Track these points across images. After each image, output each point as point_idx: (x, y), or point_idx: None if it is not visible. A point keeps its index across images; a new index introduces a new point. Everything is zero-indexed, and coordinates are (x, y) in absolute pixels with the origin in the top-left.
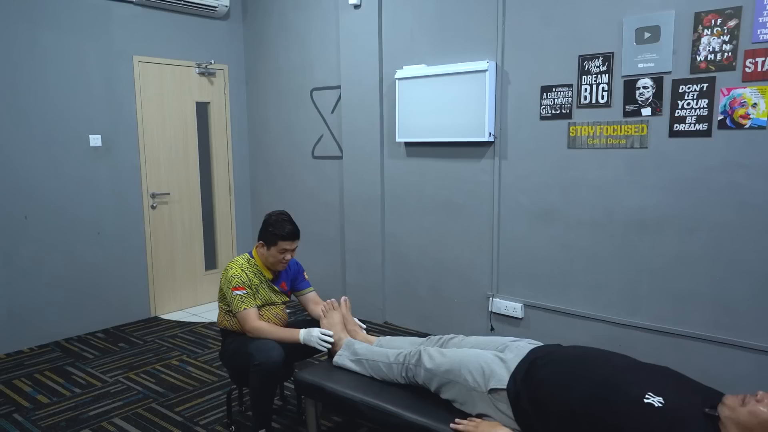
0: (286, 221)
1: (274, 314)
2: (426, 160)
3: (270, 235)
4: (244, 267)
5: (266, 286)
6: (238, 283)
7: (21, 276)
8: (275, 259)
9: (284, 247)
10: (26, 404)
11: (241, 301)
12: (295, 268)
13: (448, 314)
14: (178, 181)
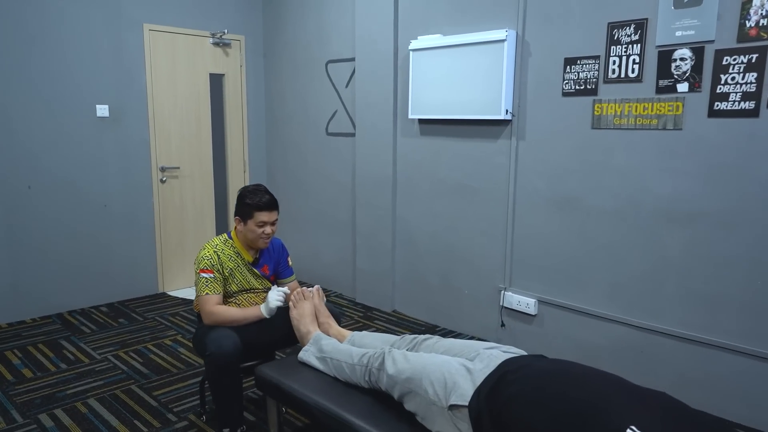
0: (262, 191)
1: (253, 303)
2: (440, 139)
3: (245, 207)
4: (218, 248)
5: (245, 269)
6: (206, 265)
7: (24, 247)
8: (254, 235)
9: (261, 219)
10: (9, 377)
11: (205, 284)
12: (279, 251)
13: (457, 306)
14: (190, 155)
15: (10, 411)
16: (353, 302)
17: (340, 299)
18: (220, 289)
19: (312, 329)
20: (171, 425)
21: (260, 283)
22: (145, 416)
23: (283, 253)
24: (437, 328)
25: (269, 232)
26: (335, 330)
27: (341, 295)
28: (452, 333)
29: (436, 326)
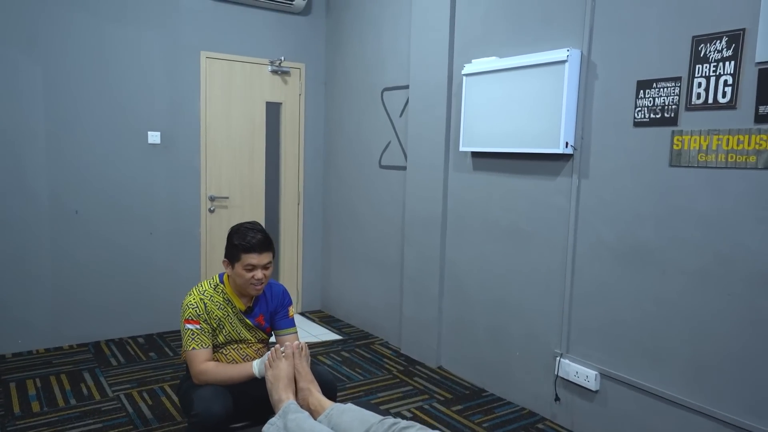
0: (252, 229)
1: (244, 355)
2: (493, 175)
3: (232, 248)
4: (206, 294)
5: (236, 319)
6: (191, 314)
7: (68, 272)
8: (243, 280)
9: (250, 262)
10: (16, 410)
11: (191, 338)
12: (278, 299)
13: (507, 369)
14: (241, 184)
15: None
16: (397, 353)
17: (384, 348)
18: (209, 342)
19: (285, 397)
20: None
21: (253, 334)
22: None
23: (284, 300)
24: (484, 393)
25: (260, 278)
26: (315, 399)
27: (387, 344)
28: (500, 401)
29: (483, 390)
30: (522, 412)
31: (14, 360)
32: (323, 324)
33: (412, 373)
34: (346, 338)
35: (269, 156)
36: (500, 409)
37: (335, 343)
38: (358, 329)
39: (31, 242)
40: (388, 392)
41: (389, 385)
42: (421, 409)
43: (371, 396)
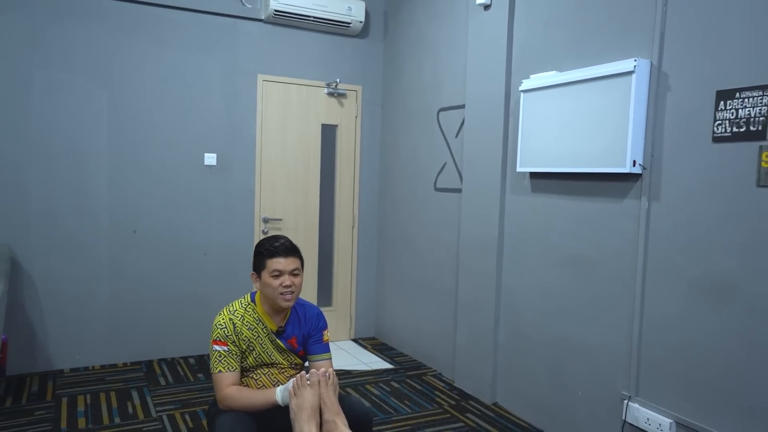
0: (277, 237)
1: (274, 381)
2: (553, 198)
3: (258, 257)
4: (236, 314)
5: (267, 340)
6: (219, 335)
7: (125, 291)
8: (272, 290)
9: (276, 268)
10: (63, 425)
11: (218, 360)
12: (312, 322)
13: (569, 410)
14: (295, 207)
15: None
16: (450, 385)
17: (436, 380)
18: (236, 365)
19: (307, 429)
20: None
21: (285, 357)
22: None
23: (318, 323)
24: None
25: (288, 284)
26: None
27: (439, 375)
28: None
29: (541, 431)
30: None
31: (71, 375)
32: (375, 351)
33: (465, 408)
34: (398, 367)
35: (324, 178)
36: None
37: (386, 372)
38: (410, 358)
39: (92, 261)
40: (436, 428)
41: (438, 421)
42: None
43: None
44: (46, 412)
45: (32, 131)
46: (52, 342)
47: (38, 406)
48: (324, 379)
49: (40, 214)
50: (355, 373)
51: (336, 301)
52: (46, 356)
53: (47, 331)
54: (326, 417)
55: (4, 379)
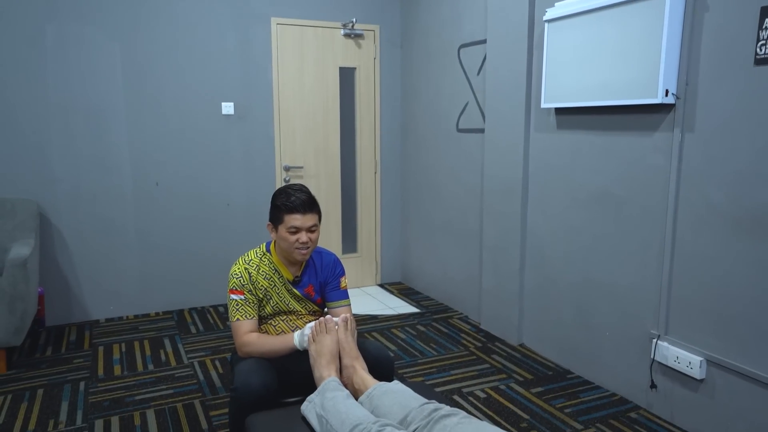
0: (296, 190)
1: (293, 327)
2: (579, 134)
3: (275, 210)
4: (252, 264)
5: (283, 289)
6: (235, 284)
7: (152, 242)
8: (287, 244)
9: (293, 224)
10: (100, 373)
11: (235, 308)
12: (328, 269)
13: (596, 350)
14: (315, 154)
15: (77, 411)
16: (476, 328)
17: (462, 323)
18: (254, 313)
19: (326, 374)
20: None
21: (303, 305)
22: None
23: (335, 270)
24: (570, 375)
25: (305, 241)
26: (360, 378)
27: (466, 318)
28: (587, 385)
29: (568, 372)
30: (612, 398)
31: (106, 325)
32: (401, 296)
33: (491, 350)
34: (424, 311)
35: (344, 123)
36: (586, 394)
37: (412, 316)
38: (436, 302)
39: (117, 214)
40: (462, 370)
41: (464, 362)
42: (496, 389)
43: (444, 374)
44: (84, 359)
45: (48, 87)
46: (87, 294)
47: (76, 355)
48: (342, 325)
49: (64, 170)
50: (381, 317)
51: (361, 247)
52: (82, 307)
53: (81, 283)
54: (345, 362)
55: (44, 329)
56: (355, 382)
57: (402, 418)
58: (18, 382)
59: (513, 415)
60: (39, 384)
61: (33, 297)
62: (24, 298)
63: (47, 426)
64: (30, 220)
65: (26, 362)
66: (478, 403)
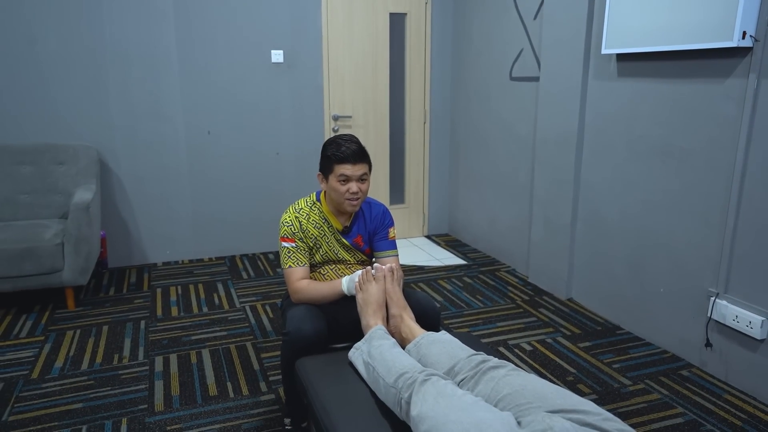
0: (346, 140)
1: (340, 275)
2: (642, 82)
3: (325, 159)
4: (302, 212)
5: (333, 238)
6: (286, 232)
7: (205, 190)
8: (338, 194)
9: (343, 173)
10: (159, 313)
11: (287, 256)
12: (378, 220)
13: (648, 307)
14: (364, 103)
15: (139, 347)
16: (524, 281)
17: (510, 276)
18: (305, 260)
19: (373, 322)
20: (257, 395)
21: (352, 255)
22: (240, 380)
23: (384, 221)
24: (619, 330)
25: (355, 191)
26: (407, 327)
27: (513, 271)
28: (637, 341)
29: (617, 328)
30: (663, 356)
31: (163, 268)
32: (448, 248)
33: (538, 303)
34: (471, 263)
35: (393, 72)
36: (636, 350)
37: (458, 267)
38: (484, 254)
39: (171, 162)
40: (508, 322)
41: (511, 315)
42: (543, 342)
43: (489, 326)
44: (144, 300)
45: (105, 34)
46: (145, 238)
47: (137, 295)
48: (389, 274)
49: (121, 117)
50: (427, 268)
51: (408, 198)
52: (141, 251)
53: (139, 228)
54: (392, 311)
55: (107, 270)
56: (402, 331)
57: (449, 368)
58: (85, 318)
59: (559, 369)
60: (104, 321)
61: (96, 239)
62: (88, 240)
63: (112, 359)
64: (91, 165)
65: (92, 301)
66: (524, 355)
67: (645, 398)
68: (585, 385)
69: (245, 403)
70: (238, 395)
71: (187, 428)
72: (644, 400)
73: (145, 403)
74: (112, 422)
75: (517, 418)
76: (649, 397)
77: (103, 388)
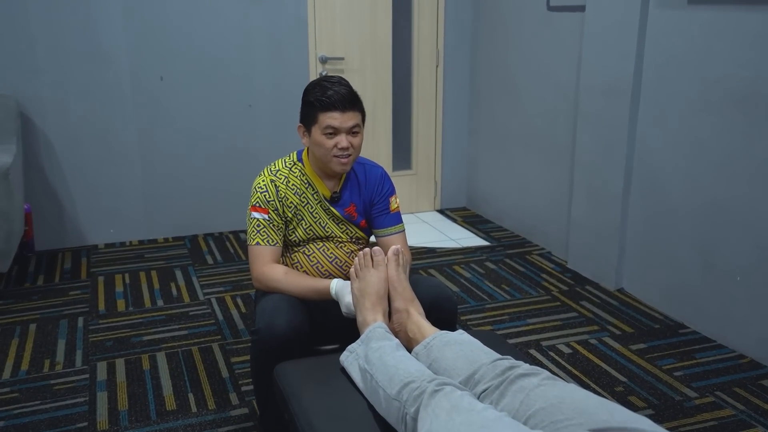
0: (333, 83)
1: (332, 258)
2: (720, 11)
3: (307, 107)
4: (279, 175)
5: (319, 207)
6: (258, 200)
7: (157, 153)
8: (323, 151)
9: (330, 124)
10: (101, 308)
11: (255, 230)
12: (375, 186)
13: (721, 300)
14: (360, 41)
15: (76, 351)
16: (562, 267)
17: (544, 260)
18: (278, 238)
19: (372, 318)
20: (225, 409)
21: (344, 230)
22: (205, 390)
23: (383, 187)
24: (683, 329)
25: (345, 146)
26: (414, 324)
27: (548, 255)
28: (706, 342)
29: (681, 326)
30: (739, 361)
31: (106, 251)
32: (467, 225)
33: (580, 295)
34: (495, 244)
35: (398, 2)
36: (705, 354)
37: (479, 250)
38: (511, 233)
39: (114, 116)
40: (541, 318)
41: (545, 310)
42: (585, 344)
43: (518, 322)
44: (81, 291)
45: None
46: (82, 213)
47: (73, 285)
48: (393, 259)
49: (47, 58)
50: (440, 251)
51: (417, 164)
52: (76, 229)
53: (74, 200)
54: (396, 305)
55: (33, 254)
56: (408, 329)
57: (467, 377)
58: (7, 315)
59: (606, 377)
60: (31, 318)
61: (18, 215)
62: (8, 215)
63: (42, 366)
64: (8, 120)
65: (15, 292)
66: (561, 359)
67: (715, 414)
68: (638, 397)
69: (211, 419)
70: (203, 409)
71: None
72: (714, 417)
73: (85, 420)
74: None
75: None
76: (720, 413)
77: (30, 402)
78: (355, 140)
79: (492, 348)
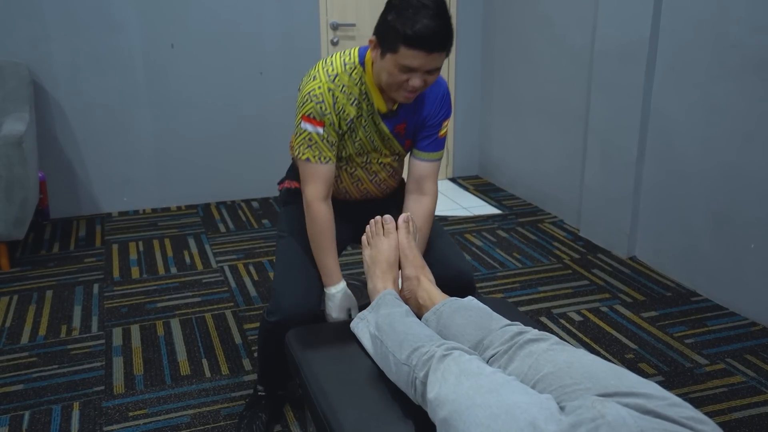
0: (428, 7)
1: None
2: None
3: (388, 30)
4: (338, 82)
5: (370, 121)
6: (313, 111)
7: (169, 121)
8: (390, 80)
9: (408, 63)
10: (116, 275)
11: (306, 143)
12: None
13: (734, 267)
14: (372, 7)
15: (92, 317)
16: (574, 235)
17: (556, 228)
18: (330, 155)
19: (381, 285)
20: (239, 374)
21: (387, 145)
22: (218, 356)
23: (442, 109)
24: (695, 297)
25: (417, 86)
26: (425, 291)
27: (560, 223)
28: (718, 310)
29: (693, 293)
30: (751, 329)
31: (119, 219)
32: (479, 194)
33: (591, 263)
34: (507, 212)
35: None
36: (717, 321)
37: (491, 218)
38: (523, 201)
39: (125, 84)
40: (553, 286)
41: (557, 277)
42: (596, 312)
43: (529, 290)
44: (96, 258)
45: None
46: (96, 181)
47: (87, 253)
48: (404, 227)
49: (57, 26)
50: (452, 219)
51: None
52: (91, 198)
53: (87, 168)
54: (407, 272)
55: (48, 222)
56: (418, 296)
57: (476, 342)
58: (24, 281)
59: (616, 344)
60: (47, 284)
61: (33, 183)
62: (23, 183)
63: (59, 332)
64: (22, 88)
65: (31, 259)
66: (572, 327)
67: (725, 381)
68: (648, 364)
69: (224, 384)
70: (216, 375)
71: (153, 414)
72: (724, 384)
73: (102, 383)
74: (61, 407)
75: (560, 403)
76: (730, 380)
77: (48, 367)
78: (430, 78)
79: (503, 315)
